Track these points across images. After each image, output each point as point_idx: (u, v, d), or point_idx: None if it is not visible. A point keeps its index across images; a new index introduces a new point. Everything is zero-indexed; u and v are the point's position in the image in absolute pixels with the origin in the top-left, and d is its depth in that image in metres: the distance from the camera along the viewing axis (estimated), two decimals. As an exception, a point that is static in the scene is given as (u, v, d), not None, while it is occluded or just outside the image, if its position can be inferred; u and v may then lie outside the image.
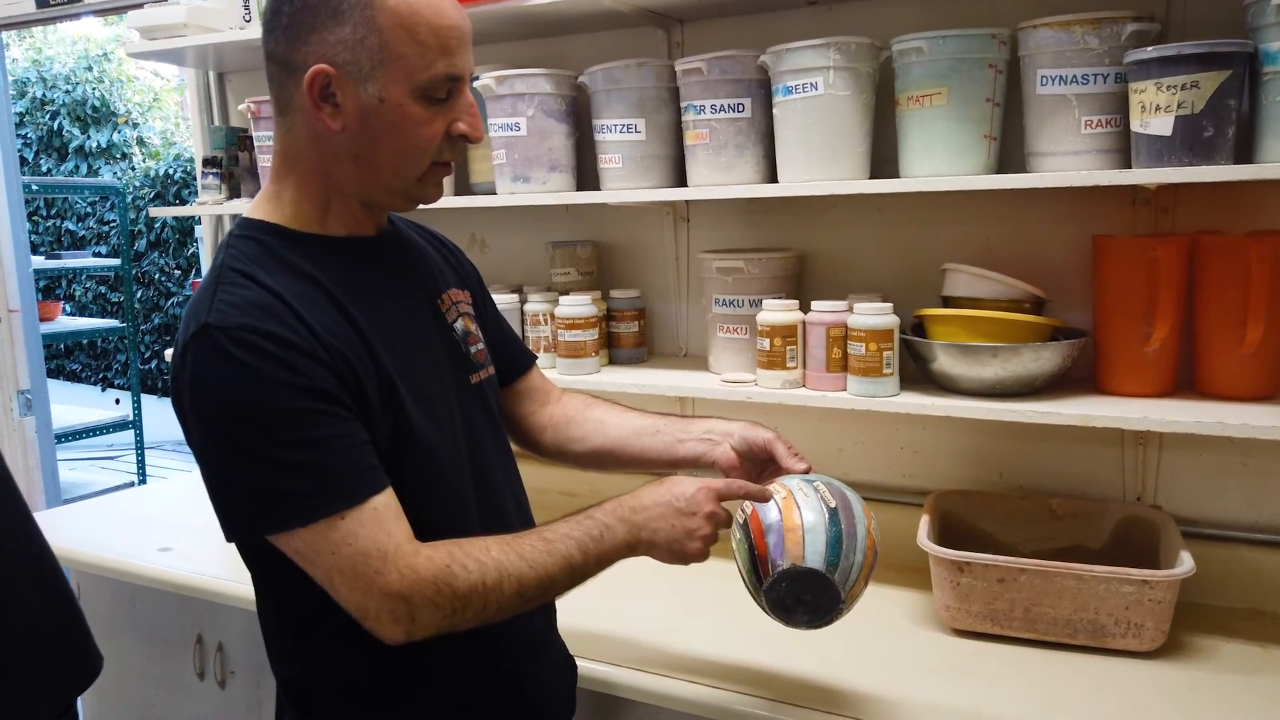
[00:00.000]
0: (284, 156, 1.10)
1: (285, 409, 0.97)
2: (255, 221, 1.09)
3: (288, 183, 1.10)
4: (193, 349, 0.99)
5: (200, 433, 1.01)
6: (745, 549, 1.19)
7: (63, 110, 8.09)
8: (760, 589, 1.17)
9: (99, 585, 2.14)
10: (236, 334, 0.97)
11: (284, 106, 1.07)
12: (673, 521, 1.12)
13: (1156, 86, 1.35)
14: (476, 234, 2.29)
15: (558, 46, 2.08)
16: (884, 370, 1.60)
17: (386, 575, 0.98)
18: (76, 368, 8.71)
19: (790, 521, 1.14)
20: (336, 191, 1.10)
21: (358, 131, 1.04)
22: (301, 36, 1.02)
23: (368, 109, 1.03)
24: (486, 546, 1.04)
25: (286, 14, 1.02)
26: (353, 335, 1.05)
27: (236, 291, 1.00)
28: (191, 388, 0.99)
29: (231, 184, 2.35)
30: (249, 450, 0.98)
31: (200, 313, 1.00)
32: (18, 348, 3.19)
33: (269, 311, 0.99)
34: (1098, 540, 1.68)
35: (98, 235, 8.31)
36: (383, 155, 1.06)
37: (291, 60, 1.03)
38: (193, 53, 2.26)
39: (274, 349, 0.97)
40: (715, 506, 1.14)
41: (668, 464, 1.38)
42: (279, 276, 1.03)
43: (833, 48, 1.58)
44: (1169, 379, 1.56)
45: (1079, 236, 1.68)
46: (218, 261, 1.05)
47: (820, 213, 1.89)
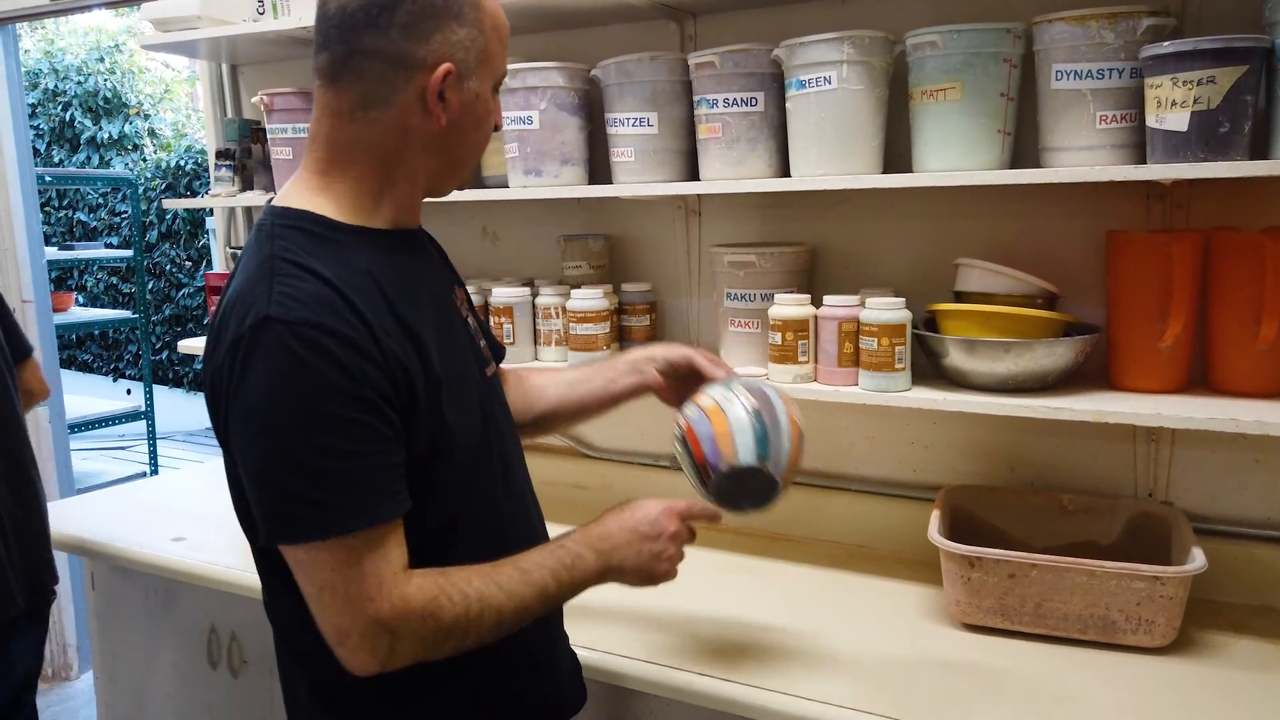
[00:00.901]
0: (347, 149, 1.09)
1: (332, 414, 0.97)
2: (300, 211, 1.08)
3: (346, 174, 1.09)
4: (249, 340, 0.97)
5: (242, 427, 0.99)
6: (688, 460, 1.29)
7: (74, 101, 8.12)
8: (707, 490, 1.28)
9: (113, 575, 2.16)
10: (301, 330, 0.96)
11: (373, 100, 1.06)
12: (639, 547, 1.17)
13: (1172, 82, 1.35)
14: (488, 226, 2.29)
15: (570, 39, 2.08)
16: (896, 365, 1.60)
17: (379, 603, 0.98)
18: (88, 358, 8.75)
19: (720, 428, 1.25)
20: (404, 183, 1.11)
21: (455, 125, 1.09)
22: (424, 35, 1.05)
23: (467, 104, 1.09)
24: (469, 578, 1.05)
25: (404, 13, 1.04)
26: (402, 333, 1.05)
27: (295, 284, 0.99)
28: (242, 380, 0.98)
29: (244, 176, 2.36)
30: (286, 451, 0.97)
31: (259, 304, 0.98)
32: (31, 338, 3.20)
33: (331, 307, 0.99)
34: (1109, 536, 1.68)
35: (109, 226, 8.34)
36: (466, 147, 1.13)
37: (409, 57, 1.05)
38: (206, 45, 2.27)
39: (336, 348, 0.97)
40: (679, 526, 1.21)
41: (609, 404, 1.47)
42: (334, 268, 1.02)
43: (847, 42, 1.58)
44: (1182, 375, 1.56)
45: (1092, 232, 1.67)
46: (265, 251, 1.03)
47: (833, 207, 1.89)
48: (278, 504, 0.98)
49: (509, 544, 1.18)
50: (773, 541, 1.97)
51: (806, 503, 1.98)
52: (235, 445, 1.02)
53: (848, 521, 1.94)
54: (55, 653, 3.38)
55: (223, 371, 1.00)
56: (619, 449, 2.22)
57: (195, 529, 2.10)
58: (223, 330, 1.01)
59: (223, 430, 1.05)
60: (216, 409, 1.04)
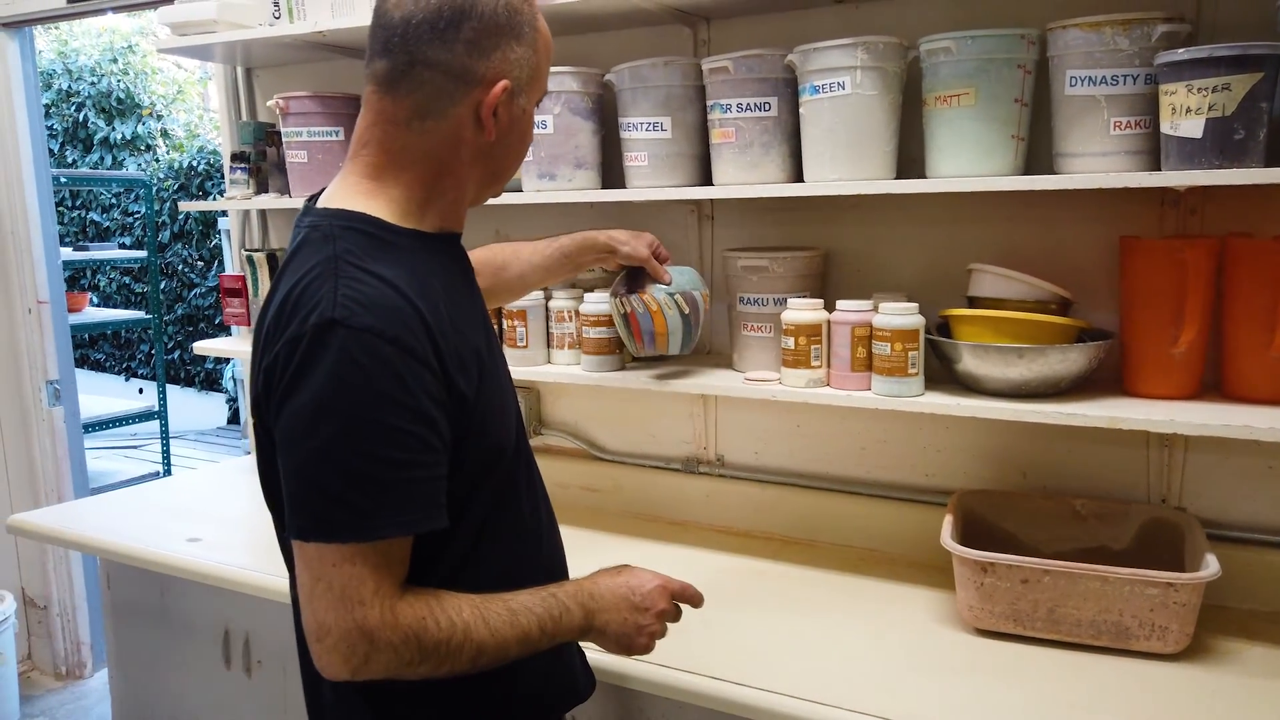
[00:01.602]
0: (401, 156, 1.10)
1: (385, 423, 0.98)
2: (356, 213, 1.09)
3: (399, 179, 1.11)
4: (311, 340, 0.98)
5: (290, 426, 1.00)
6: (625, 332, 1.75)
7: (88, 102, 8.15)
8: (635, 349, 1.76)
9: (128, 575, 2.17)
10: (363, 336, 0.97)
11: (428, 111, 1.08)
12: (625, 615, 1.19)
13: (1187, 88, 1.35)
14: (501, 229, 2.30)
15: (584, 44, 2.09)
16: (909, 370, 1.60)
17: (368, 609, 0.99)
18: (101, 357, 8.80)
19: (660, 328, 1.69)
20: (452, 191, 1.14)
21: (504, 138, 1.13)
22: (486, 52, 1.08)
23: (515, 119, 1.13)
24: (460, 606, 1.05)
25: (469, 29, 1.06)
26: (455, 335, 1.07)
27: (359, 287, 1.00)
28: (299, 377, 0.99)
29: (259, 179, 2.37)
30: (333, 454, 0.98)
31: (323, 305, 0.99)
32: (47, 339, 3.23)
33: (396, 312, 1.00)
34: (1121, 541, 1.68)
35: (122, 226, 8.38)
36: (510, 159, 1.18)
37: (469, 72, 1.08)
38: (221, 49, 2.28)
39: (395, 356, 0.98)
40: (668, 604, 1.23)
41: (568, 271, 1.65)
42: (396, 271, 1.04)
43: (860, 47, 1.59)
44: (1196, 381, 1.56)
45: (1106, 237, 1.67)
46: (327, 251, 1.04)
47: (846, 211, 1.89)
48: (316, 503, 0.99)
49: (532, 546, 1.22)
50: (785, 545, 1.97)
51: (819, 506, 1.98)
52: (282, 439, 1.02)
53: (860, 525, 1.94)
54: (69, 651, 3.41)
55: (278, 364, 1.01)
56: (630, 451, 2.22)
57: (210, 529, 2.12)
58: (283, 323, 1.02)
59: (269, 420, 1.05)
60: (268, 398, 1.04)
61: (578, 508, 2.21)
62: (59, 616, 3.37)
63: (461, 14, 1.06)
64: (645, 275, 1.68)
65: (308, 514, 1.00)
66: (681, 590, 1.25)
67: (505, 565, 1.18)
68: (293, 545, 1.02)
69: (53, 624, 3.38)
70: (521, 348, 1.99)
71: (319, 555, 0.99)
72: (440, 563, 1.10)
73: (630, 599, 1.19)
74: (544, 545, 1.26)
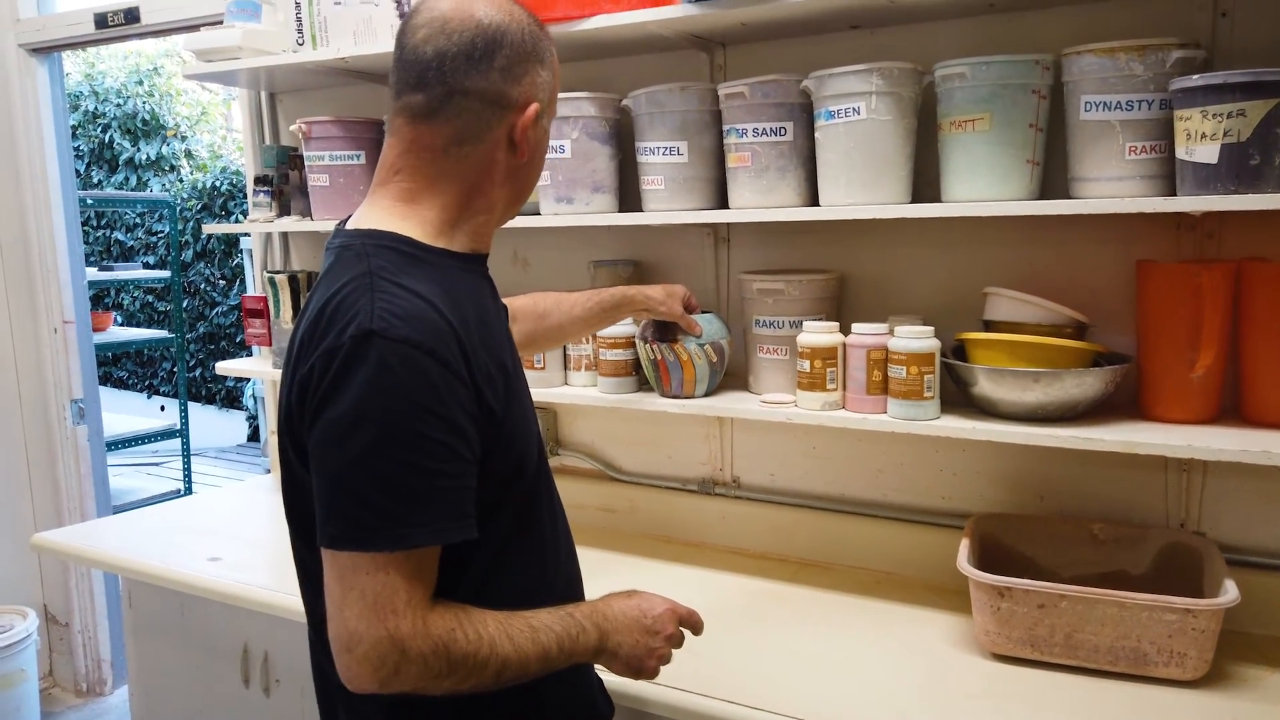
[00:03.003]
0: (436, 180, 1.14)
1: (421, 432, 1.00)
2: (389, 233, 1.12)
3: (432, 204, 1.14)
4: (349, 351, 1.00)
5: (326, 433, 1.01)
6: (654, 376, 1.88)
7: (114, 123, 8.27)
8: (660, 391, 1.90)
9: (149, 593, 2.19)
10: (400, 347, 1.00)
11: (466, 136, 1.13)
12: (636, 638, 1.20)
13: (1202, 114, 1.35)
14: (519, 251, 2.32)
15: (602, 69, 2.11)
16: (925, 394, 1.60)
17: (400, 618, 0.99)
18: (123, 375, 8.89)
19: (689, 375, 1.83)
20: (483, 212, 1.17)
21: (530, 158, 1.18)
22: (518, 77, 1.13)
23: (539, 140, 1.19)
24: (485, 620, 1.06)
25: (502, 57, 1.11)
26: (485, 351, 1.09)
27: (396, 301, 1.03)
28: (336, 388, 1.00)
29: (282, 202, 2.40)
30: (370, 463, 0.99)
31: (360, 317, 1.01)
32: (72, 358, 3.27)
33: (431, 326, 1.03)
34: (1140, 566, 1.67)
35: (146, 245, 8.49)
36: (532, 176, 1.22)
37: (504, 97, 1.13)
38: (246, 75, 2.32)
39: (432, 367, 1.01)
40: (676, 629, 1.24)
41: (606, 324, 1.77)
42: (430, 287, 1.07)
43: (875, 73, 1.60)
44: (1214, 405, 1.56)
45: (1122, 261, 1.67)
46: (361, 267, 1.07)
47: (861, 234, 1.90)
48: (351, 510, 1.00)
49: (551, 566, 1.23)
50: (801, 567, 1.97)
51: (835, 529, 1.98)
52: (316, 447, 1.03)
53: (876, 548, 1.94)
54: (90, 668, 3.43)
55: (314, 375, 1.03)
56: (646, 472, 2.23)
57: (231, 548, 2.14)
58: (318, 335, 1.04)
59: (301, 431, 1.06)
60: (301, 410, 1.05)
61: (594, 528, 2.22)
62: (80, 633, 3.40)
63: (494, 43, 1.11)
64: (676, 325, 1.80)
65: (342, 521, 1.00)
66: (688, 616, 1.26)
67: (524, 585, 1.19)
68: (324, 554, 1.03)
69: (74, 641, 3.41)
70: (539, 369, 2.01)
71: (352, 564, 1.00)
72: (463, 579, 1.11)
73: (642, 622, 1.20)
74: (561, 566, 1.27)
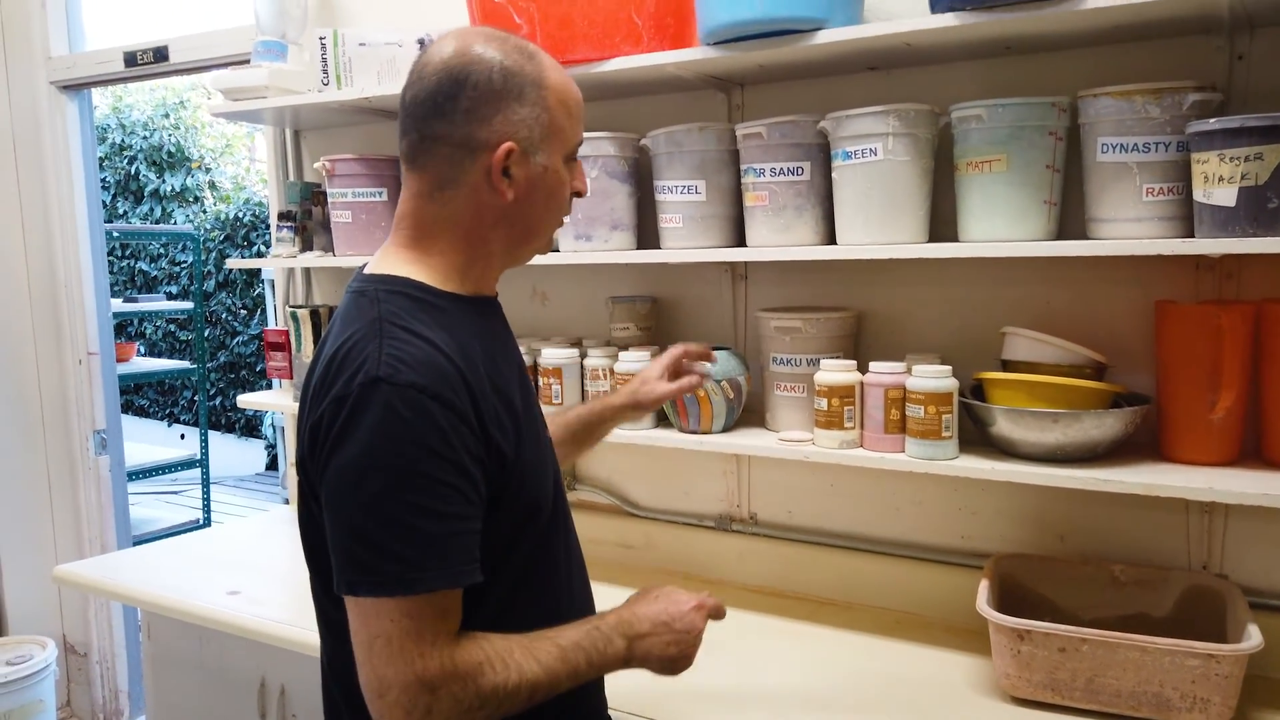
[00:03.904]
0: (431, 227, 1.15)
1: (429, 475, 1.01)
2: (400, 278, 1.14)
3: (433, 248, 1.15)
4: (357, 398, 1.02)
5: (337, 480, 1.03)
6: (672, 412, 1.91)
7: (140, 155, 8.41)
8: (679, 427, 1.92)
9: (168, 626, 2.20)
10: (406, 393, 1.01)
11: (446, 181, 1.13)
12: (667, 639, 1.19)
13: (1219, 157, 1.36)
14: (538, 286, 2.34)
15: (621, 108, 2.14)
16: (943, 433, 1.60)
17: (428, 660, 1.00)
18: (145, 403, 8.96)
19: (705, 412, 1.87)
20: (484, 255, 1.17)
21: (524, 199, 1.14)
22: (486, 118, 1.11)
23: (535, 178, 1.14)
24: (511, 649, 1.07)
25: (466, 100, 1.10)
26: (496, 396, 1.10)
27: (403, 347, 1.04)
28: (345, 434, 1.02)
29: (305, 237, 2.43)
30: (380, 507, 1.00)
31: (368, 365, 1.03)
32: (95, 389, 3.31)
33: (438, 371, 1.04)
34: (1162, 609, 1.65)
35: (169, 275, 8.59)
36: (537, 217, 1.17)
37: (472, 139, 1.11)
38: (271, 113, 2.36)
39: (437, 410, 1.02)
40: (704, 624, 1.23)
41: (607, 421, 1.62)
42: (438, 332, 1.08)
43: (892, 114, 1.61)
44: (1235, 447, 1.54)
45: (1141, 301, 1.67)
46: (372, 313, 1.08)
47: (878, 272, 1.91)
48: (364, 556, 1.01)
49: (565, 605, 1.23)
50: (819, 606, 1.96)
51: (853, 567, 1.97)
52: (328, 495, 1.05)
53: (895, 587, 1.93)
54: (107, 698, 3.44)
55: (323, 422, 1.05)
56: (663, 508, 2.23)
57: (249, 582, 2.15)
58: (329, 382, 1.06)
59: (314, 477, 1.08)
60: (314, 456, 1.07)
61: (611, 564, 2.22)
62: (98, 664, 3.42)
63: (457, 86, 1.10)
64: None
65: (356, 568, 1.02)
66: (715, 609, 1.26)
67: (538, 622, 1.18)
68: (346, 602, 1.04)
69: (92, 671, 3.42)
70: (557, 405, 2.02)
71: (375, 610, 1.01)
72: (475, 617, 1.10)
73: (671, 624, 1.20)
74: (575, 601, 1.27)
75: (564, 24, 1.82)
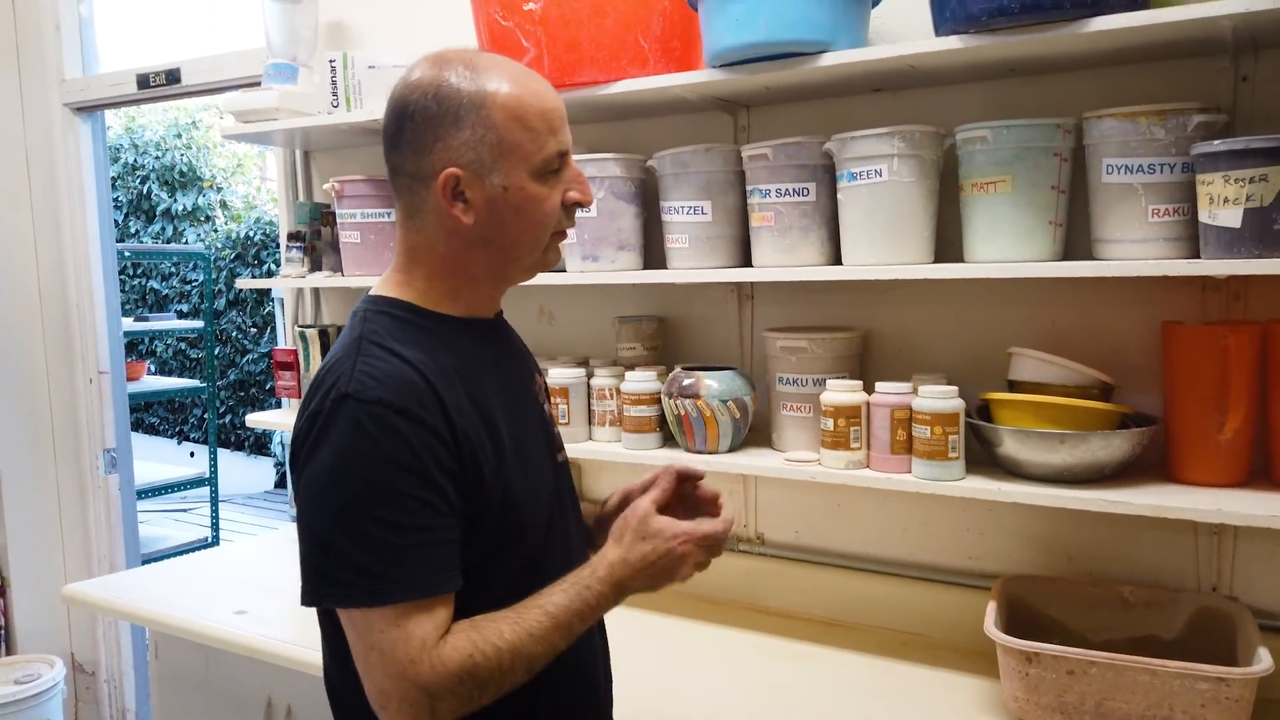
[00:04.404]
0: (413, 253, 1.17)
1: (391, 487, 1.03)
2: (389, 299, 1.17)
3: (418, 272, 1.17)
4: (326, 414, 1.05)
5: (306, 494, 1.06)
6: (679, 431, 1.89)
7: (152, 175, 8.48)
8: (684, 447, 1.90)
9: (175, 645, 2.20)
10: (372, 408, 1.03)
11: (414, 210, 1.15)
12: (645, 554, 1.15)
13: (1224, 179, 1.36)
14: (545, 306, 2.35)
15: (628, 128, 2.15)
16: (949, 454, 1.60)
17: (419, 665, 1.02)
18: (155, 421, 9.00)
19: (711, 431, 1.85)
20: (469, 278, 1.18)
21: (488, 220, 1.13)
22: (426, 147, 1.11)
23: (494, 198, 1.12)
24: (500, 629, 1.07)
25: (409, 130, 1.12)
26: (475, 414, 1.11)
27: (376, 364, 1.07)
28: (315, 449, 1.05)
29: (314, 257, 2.45)
30: (344, 519, 1.03)
31: (341, 382, 1.06)
32: (105, 408, 3.33)
33: (407, 386, 1.06)
34: (1171, 631, 1.64)
35: (180, 294, 8.65)
36: (512, 236, 1.15)
37: (420, 170, 1.12)
38: (281, 134, 2.38)
39: (404, 426, 1.04)
40: (689, 549, 1.17)
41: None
42: (415, 350, 1.10)
43: (897, 136, 1.62)
44: (1243, 468, 1.54)
45: (1147, 321, 1.67)
46: (356, 333, 1.12)
47: (884, 292, 1.91)
48: (330, 568, 1.04)
49: None
50: (826, 627, 1.95)
51: (860, 588, 1.96)
52: (299, 507, 1.08)
53: (902, 608, 1.92)
54: (115, 717, 3.44)
55: (299, 438, 1.09)
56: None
57: (256, 601, 2.15)
58: (307, 399, 1.10)
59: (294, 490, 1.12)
60: (292, 470, 1.11)
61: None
62: (106, 683, 3.42)
63: (400, 118, 1.12)
64: (699, 381, 1.83)
65: (322, 579, 1.05)
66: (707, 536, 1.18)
67: None
68: (340, 616, 1.06)
69: (100, 690, 3.42)
70: (563, 424, 2.02)
71: (364, 623, 1.03)
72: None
73: (643, 540, 1.15)
74: None
75: (572, 47, 1.83)
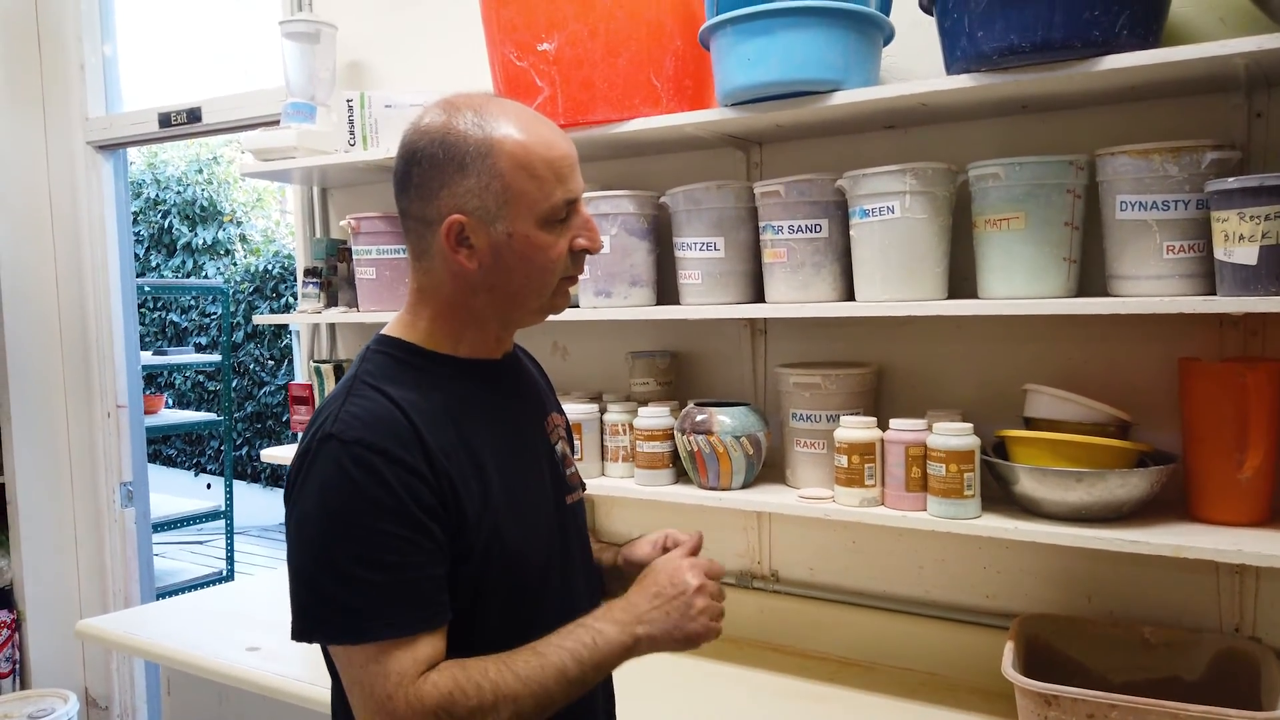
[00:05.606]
0: (421, 294, 1.19)
1: (372, 526, 1.04)
2: (392, 339, 1.18)
3: (423, 313, 1.19)
4: (313, 454, 1.07)
5: (293, 533, 1.09)
6: (692, 468, 1.88)
7: (173, 210, 8.60)
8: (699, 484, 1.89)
9: (188, 682, 2.20)
10: (352, 447, 1.05)
11: (421, 252, 1.17)
12: (664, 609, 1.13)
13: (1239, 216, 1.35)
14: (558, 342, 2.35)
15: (641, 165, 2.17)
16: (965, 492, 1.58)
17: (395, 702, 1.02)
18: (172, 453, 9.06)
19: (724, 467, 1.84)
20: (474, 321, 1.19)
21: (491, 266, 1.13)
22: (433, 193, 1.12)
23: (499, 245, 1.12)
24: (485, 669, 1.06)
25: (416, 175, 1.13)
26: (464, 454, 1.11)
27: (362, 403, 1.09)
28: (299, 489, 1.08)
29: (330, 293, 2.47)
30: (326, 557, 1.04)
31: (327, 423, 1.08)
32: (123, 441, 3.35)
33: (389, 425, 1.07)
34: (1194, 672, 1.61)
35: (199, 327, 8.72)
36: (516, 282, 1.15)
37: (426, 214, 1.13)
38: (299, 172, 2.41)
39: (383, 465, 1.04)
40: (701, 579, 1.16)
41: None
42: (406, 391, 1.11)
43: (909, 173, 1.62)
44: (1265, 507, 1.52)
45: (1164, 358, 1.65)
46: (353, 372, 1.15)
47: (898, 328, 1.90)
48: (314, 605, 1.06)
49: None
50: (842, 667, 1.93)
51: (876, 627, 1.94)
52: (288, 545, 1.10)
53: (919, 647, 1.89)
54: (127, 753, 3.42)
55: (290, 476, 1.12)
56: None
57: (269, 638, 2.14)
58: (301, 439, 1.13)
59: None
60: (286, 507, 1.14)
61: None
62: (120, 718, 3.41)
63: (409, 162, 1.13)
64: (712, 417, 1.83)
65: (306, 614, 1.07)
66: (710, 566, 1.19)
67: None
68: (330, 652, 1.08)
69: (112, 724, 3.42)
70: (576, 460, 2.01)
71: (348, 659, 1.05)
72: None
73: (662, 592, 1.14)
74: None
75: (585, 86, 1.85)
